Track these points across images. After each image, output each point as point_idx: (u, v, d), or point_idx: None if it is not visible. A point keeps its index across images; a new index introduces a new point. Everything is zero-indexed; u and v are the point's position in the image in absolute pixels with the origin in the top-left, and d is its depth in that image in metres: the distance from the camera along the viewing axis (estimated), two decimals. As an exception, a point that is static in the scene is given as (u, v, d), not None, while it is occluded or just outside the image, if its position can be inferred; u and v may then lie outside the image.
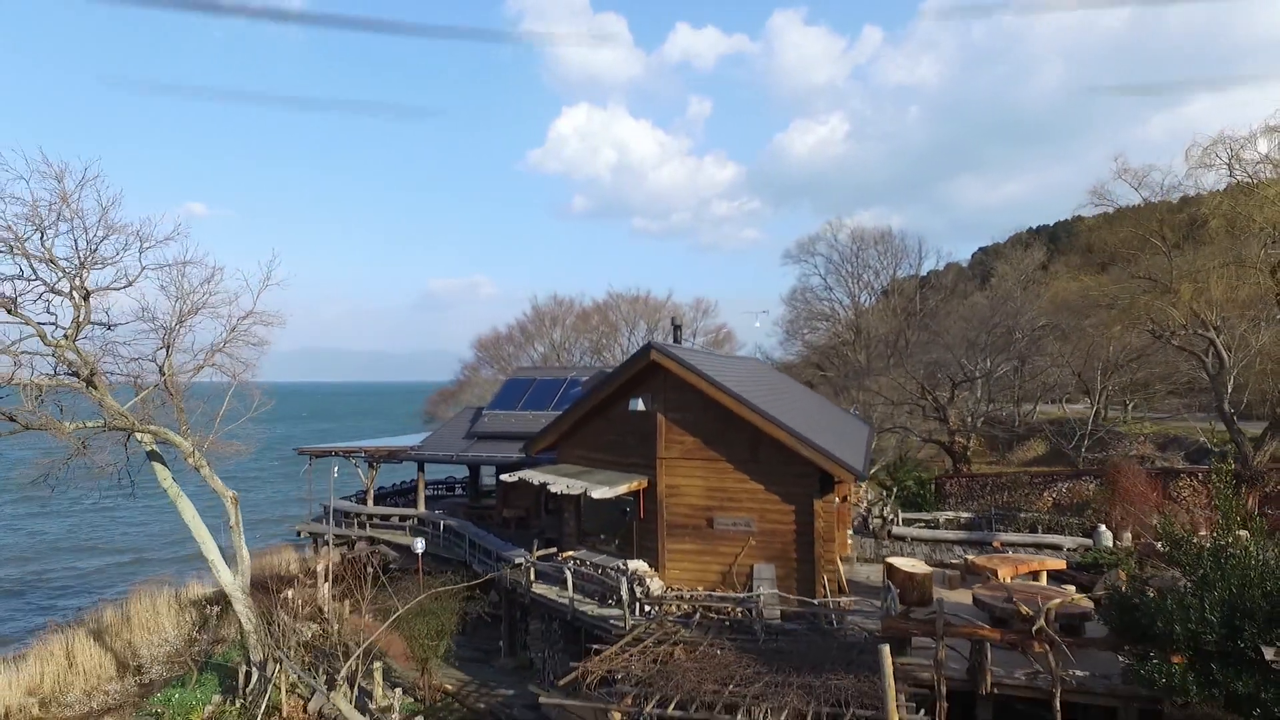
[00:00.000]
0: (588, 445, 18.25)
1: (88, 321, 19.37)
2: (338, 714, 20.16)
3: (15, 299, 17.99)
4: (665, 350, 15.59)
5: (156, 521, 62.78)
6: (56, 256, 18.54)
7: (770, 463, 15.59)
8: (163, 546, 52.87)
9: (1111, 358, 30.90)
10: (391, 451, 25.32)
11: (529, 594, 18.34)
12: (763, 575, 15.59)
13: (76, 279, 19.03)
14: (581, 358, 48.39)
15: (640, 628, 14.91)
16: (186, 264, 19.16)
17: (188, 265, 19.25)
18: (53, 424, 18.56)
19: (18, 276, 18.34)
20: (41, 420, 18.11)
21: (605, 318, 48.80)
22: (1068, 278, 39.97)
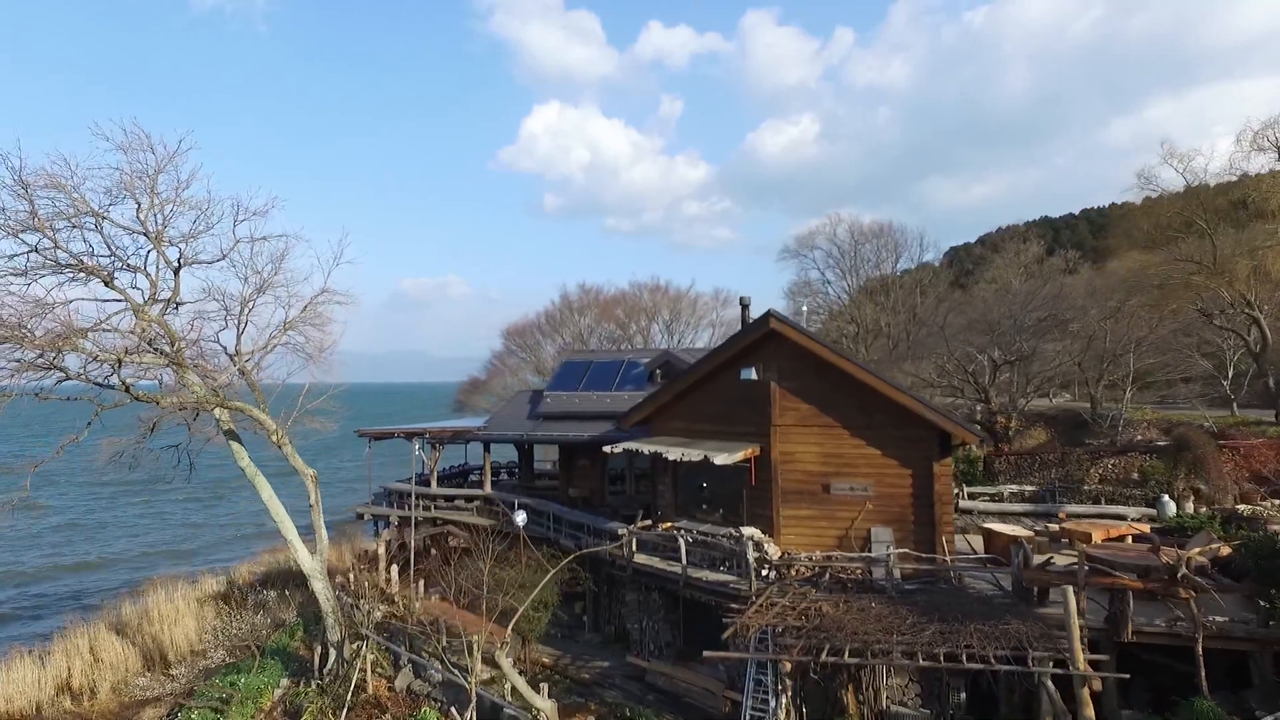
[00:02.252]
0: (687, 417, 18.52)
1: (177, 296, 19.19)
2: (428, 690, 20.24)
3: (112, 272, 17.78)
4: (785, 318, 15.89)
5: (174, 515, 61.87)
6: (150, 229, 18.28)
7: (886, 428, 16.03)
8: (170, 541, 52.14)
9: (1149, 340, 31.62)
10: (456, 433, 25.34)
11: (630, 565, 18.52)
12: (881, 538, 15.99)
13: (168, 253, 18.83)
14: (601, 344, 48.56)
15: (770, 590, 15.20)
16: (281, 237, 19.02)
17: (277, 239, 19.10)
18: (156, 397, 18.39)
19: (104, 255, 18.17)
20: (148, 393, 17.93)
21: (633, 306, 49.02)
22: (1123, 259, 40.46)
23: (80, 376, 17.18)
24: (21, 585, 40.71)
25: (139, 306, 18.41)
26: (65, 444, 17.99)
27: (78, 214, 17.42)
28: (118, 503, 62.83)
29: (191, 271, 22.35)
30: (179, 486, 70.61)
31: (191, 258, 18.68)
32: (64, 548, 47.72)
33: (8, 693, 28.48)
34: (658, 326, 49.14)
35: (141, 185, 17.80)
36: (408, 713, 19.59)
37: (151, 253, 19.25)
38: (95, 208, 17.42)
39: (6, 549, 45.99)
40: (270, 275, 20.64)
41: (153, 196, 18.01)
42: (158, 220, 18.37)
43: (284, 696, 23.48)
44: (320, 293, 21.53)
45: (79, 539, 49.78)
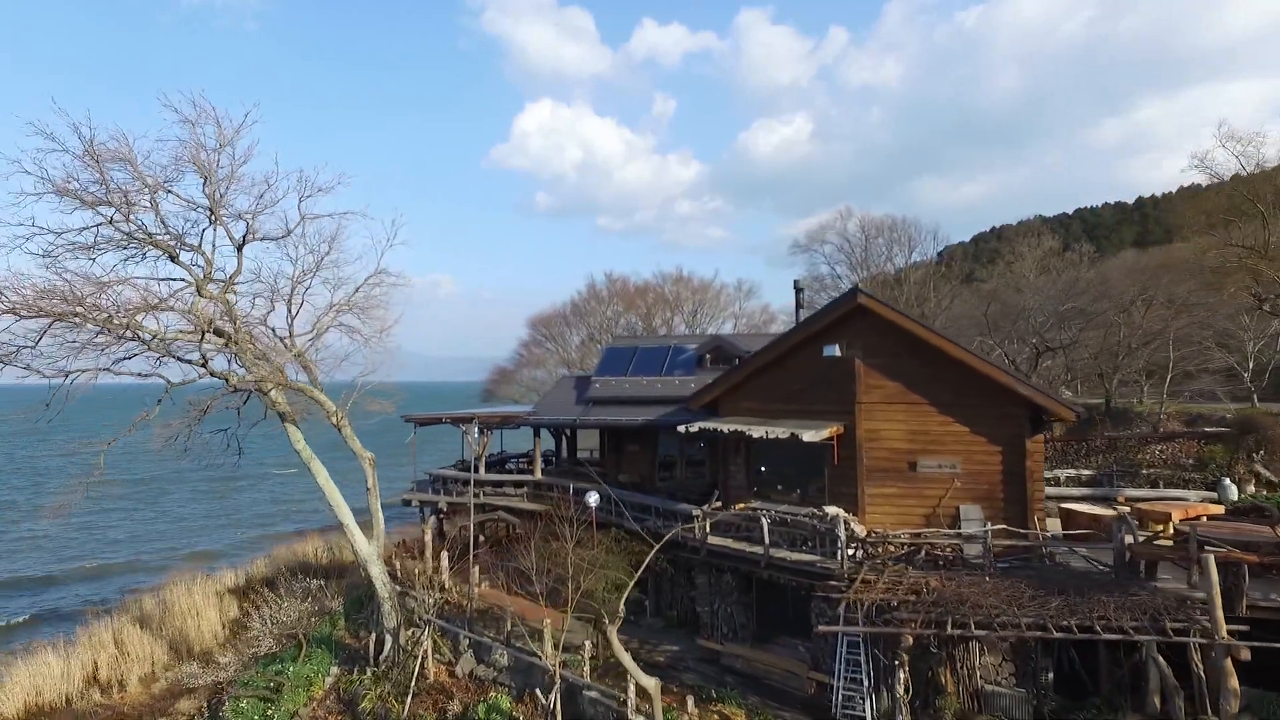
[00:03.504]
0: (759, 397, 18.35)
1: (239, 273, 18.82)
2: (493, 675, 19.96)
3: (177, 248, 17.39)
4: (873, 295, 15.69)
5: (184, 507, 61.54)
6: (213, 204, 17.87)
7: (975, 404, 15.91)
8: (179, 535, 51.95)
9: (1165, 333, 31.68)
10: (505, 418, 25.07)
11: (704, 547, 18.29)
12: (970, 516, 15.84)
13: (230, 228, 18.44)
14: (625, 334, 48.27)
15: (863, 568, 15.01)
16: (344, 214, 18.65)
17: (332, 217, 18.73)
18: (227, 374, 18.04)
19: (160, 232, 17.76)
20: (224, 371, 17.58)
21: (658, 297, 48.75)
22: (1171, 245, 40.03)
23: (161, 352, 16.80)
24: (36, 584, 40.42)
25: (202, 283, 18.04)
26: (139, 420, 17.63)
27: (142, 188, 17.02)
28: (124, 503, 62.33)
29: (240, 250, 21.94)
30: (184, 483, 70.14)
31: (255, 234, 18.24)
32: (75, 547, 47.44)
33: (37, 685, 28.16)
34: (680, 317, 48.92)
35: (208, 159, 17.37)
36: (475, 698, 19.35)
37: (207, 230, 18.87)
38: (160, 182, 17.00)
39: (18, 551, 45.61)
40: (324, 254, 20.29)
41: (215, 172, 17.62)
42: (219, 196, 17.96)
43: (335, 685, 23.17)
44: (374, 273, 21.16)
45: (88, 539, 49.47)
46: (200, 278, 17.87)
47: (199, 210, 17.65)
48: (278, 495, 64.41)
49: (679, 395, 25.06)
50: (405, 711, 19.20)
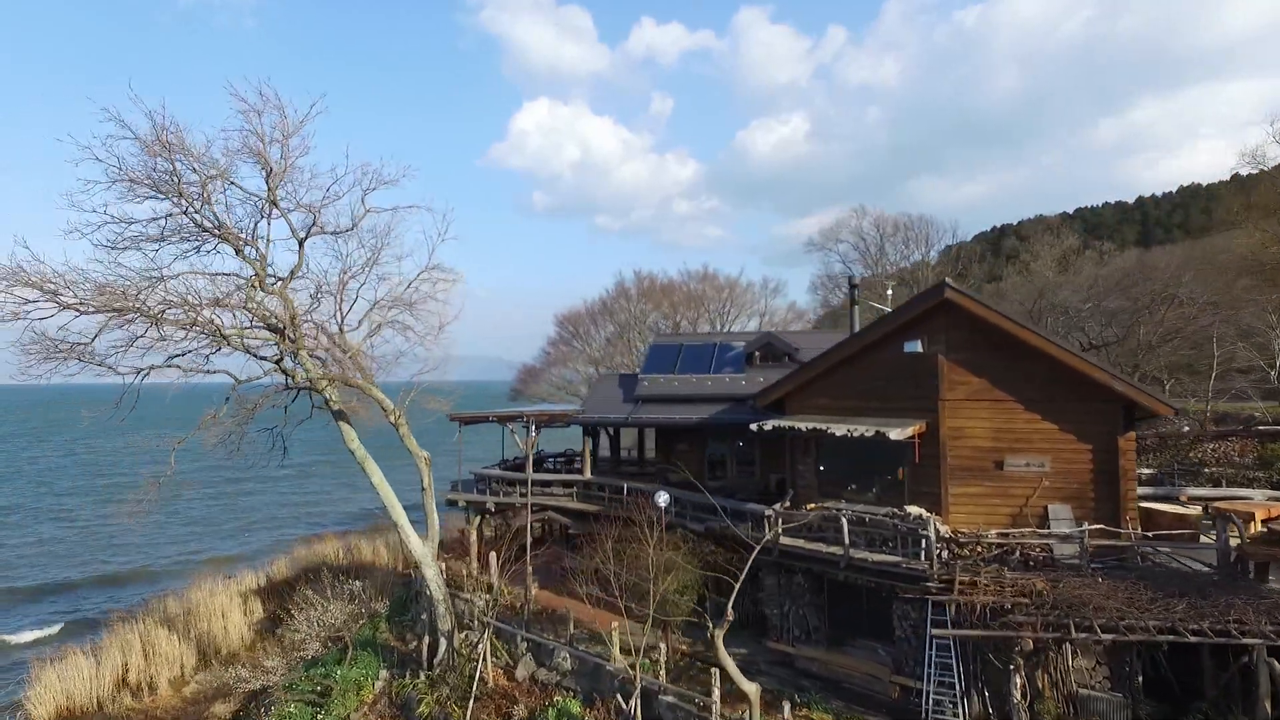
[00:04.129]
0: (831, 394, 18.01)
1: (300, 268, 18.40)
2: (556, 678, 19.58)
3: (243, 240, 16.96)
4: (961, 289, 15.33)
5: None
6: (277, 196, 17.45)
7: (1064, 401, 15.59)
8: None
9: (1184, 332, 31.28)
10: (553, 416, 24.68)
11: (776, 547, 17.91)
12: (1059, 516, 15.50)
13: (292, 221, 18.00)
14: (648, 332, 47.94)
15: (956, 570, 14.64)
16: (409, 208, 18.20)
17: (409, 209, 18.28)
18: (295, 372, 17.63)
19: (223, 227, 17.32)
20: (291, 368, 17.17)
21: (686, 295, 48.40)
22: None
23: (239, 348, 16.40)
24: (58, 590, 40.09)
25: (264, 278, 17.62)
26: (207, 420, 17.22)
27: (210, 179, 16.59)
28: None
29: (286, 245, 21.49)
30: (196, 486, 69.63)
31: (323, 228, 17.81)
32: (91, 552, 47.18)
33: (68, 689, 27.80)
34: (704, 316, 48.53)
35: (270, 150, 16.95)
36: (540, 702, 18.95)
37: (259, 223, 18.42)
38: (224, 172, 16.57)
39: (35, 556, 45.24)
40: (379, 248, 19.85)
41: (278, 163, 17.18)
42: (279, 188, 17.52)
43: (386, 689, 22.76)
44: (426, 268, 20.70)
45: (104, 544, 49.12)
46: (262, 272, 17.45)
47: (253, 203, 17.22)
48: (286, 498, 63.95)
49: (730, 393, 24.73)
50: (467, 717, 18.81)
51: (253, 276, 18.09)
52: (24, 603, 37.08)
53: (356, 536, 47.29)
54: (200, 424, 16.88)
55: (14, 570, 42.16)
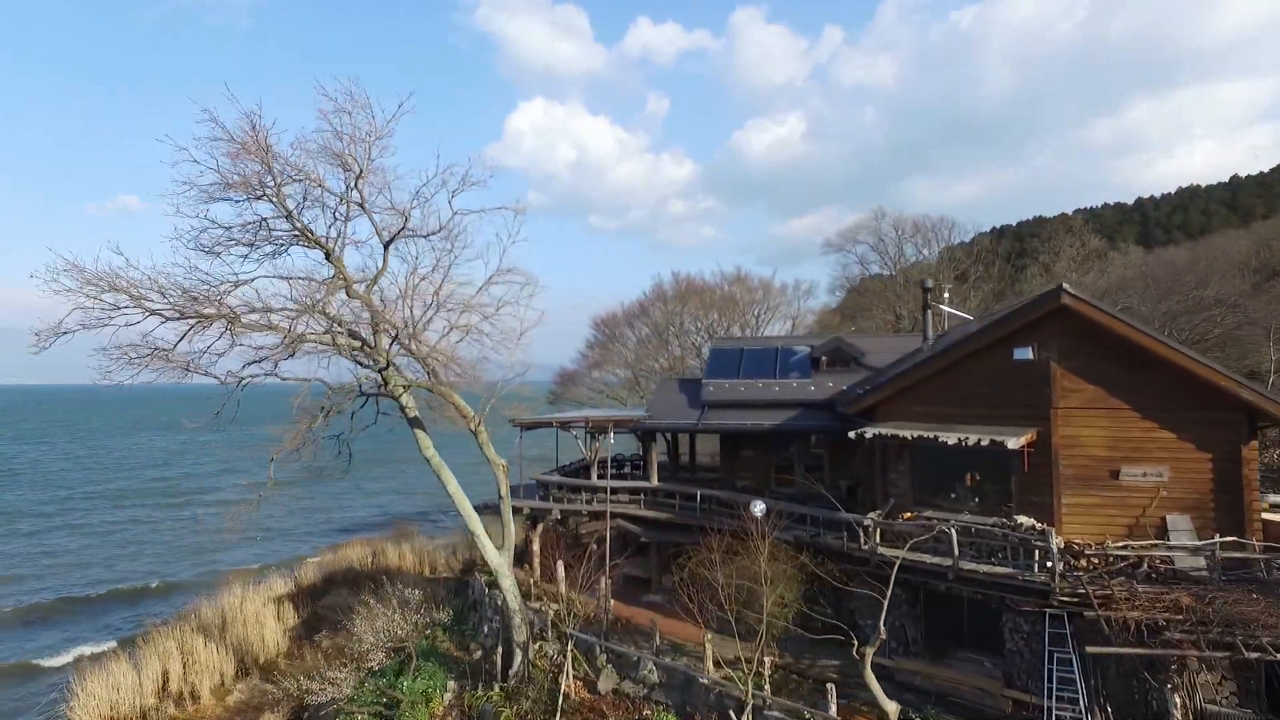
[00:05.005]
0: (927, 401, 17.73)
1: (384, 271, 18.01)
2: (643, 692, 19.24)
3: (331, 245, 16.57)
4: (1079, 294, 15.06)
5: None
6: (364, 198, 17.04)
7: (1184, 409, 15.31)
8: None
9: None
10: (618, 421, 24.25)
11: (874, 558, 17.59)
12: (1179, 527, 15.25)
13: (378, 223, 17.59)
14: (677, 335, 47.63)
15: (1083, 582, 14.34)
16: (511, 209, 17.77)
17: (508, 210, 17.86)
18: (389, 377, 17.25)
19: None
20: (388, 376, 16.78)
21: (722, 297, 48.13)
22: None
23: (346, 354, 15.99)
24: (92, 603, 39.74)
25: (351, 283, 17.21)
26: (308, 428, 16.85)
27: (291, 181, 16.19)
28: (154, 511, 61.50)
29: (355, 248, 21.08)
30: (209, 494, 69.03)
31: (415, 230, 17.38)
32: (119, 563, 46.89)
33: (112, 698, 27.47)
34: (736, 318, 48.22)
35: (357, 151, 16.53)
36: (631, 717, 18.58)
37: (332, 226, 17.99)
38: (318, 177, 16.17)
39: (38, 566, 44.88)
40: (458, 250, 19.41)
41: (366, 164, 16.77)
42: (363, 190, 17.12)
43: (455, 701, 22.38)
44: (497, 271, 20.25)
45: (131, 553, 48.78)
46: (349, 277, 17.04)
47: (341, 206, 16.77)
48: (301, 504, 63.39)
49: (798, 399, 24.43)
50: (556, 731, 18.42)
51: (330, 280, 17.72)
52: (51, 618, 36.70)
53: (382, 542, 46.96)
54: (294, 436, 16.45)
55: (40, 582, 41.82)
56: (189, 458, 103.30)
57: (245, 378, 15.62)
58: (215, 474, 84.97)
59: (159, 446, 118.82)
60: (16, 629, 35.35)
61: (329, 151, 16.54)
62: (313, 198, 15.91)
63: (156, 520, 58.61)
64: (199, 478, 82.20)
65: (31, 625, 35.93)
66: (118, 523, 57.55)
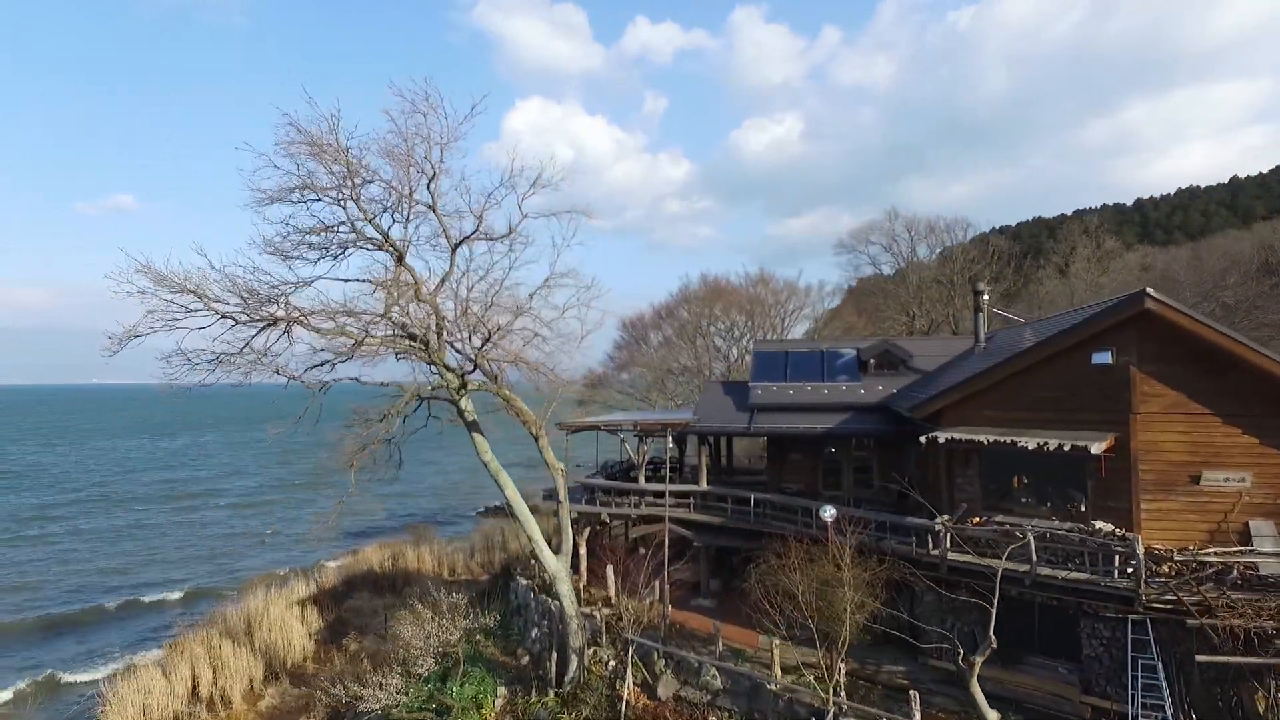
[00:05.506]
0: (998, 406, 17.76)
1: (451, 274, 17.89)
2: (706, 698, 19.12)
3: (403, 250, 16.44)
4: (1163, 298, 15.06)
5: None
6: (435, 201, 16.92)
7: (1267, 414, 15.29)
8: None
9: None
10: (667, 425, 24.17)
11: (944, 563, 17.57)
12: (1262, 532, 15.31)
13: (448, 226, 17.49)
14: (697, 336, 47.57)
15: (1162, 588, 14.36)
16: (579, 211, 17.65)
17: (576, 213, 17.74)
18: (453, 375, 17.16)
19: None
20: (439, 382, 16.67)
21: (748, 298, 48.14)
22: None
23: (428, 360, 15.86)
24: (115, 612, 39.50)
25: (421, 285, 17.09)
26: (385, 431, 16.72)
27: (367, 183, 16.08)
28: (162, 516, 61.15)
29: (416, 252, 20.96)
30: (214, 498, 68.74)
31: (489, 233, 17.27)
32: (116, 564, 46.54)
33: (145, 702, 27.45)
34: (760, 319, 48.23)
35: (431, 153, 16.42)
36: (703, 724, 18.46)
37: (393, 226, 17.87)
38: (393, 178, 16.05)
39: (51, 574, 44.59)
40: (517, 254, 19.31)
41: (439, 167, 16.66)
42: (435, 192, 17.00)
43: (508, 706, 22.27)
44: (552, 275, 20.14)
45: (119, 556, 48.61)
46: (419, 280, 16.92)
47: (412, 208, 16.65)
48: (311, 509, 62.95)
49: (848, 402, 24.43)
50: (620, 738, 18.33)
51: (394, 283, 17.60)
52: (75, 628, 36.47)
53: (401, 545, 46.76)
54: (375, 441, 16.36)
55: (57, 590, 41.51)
56: (190, 459, 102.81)
57: (327, 380, 15.45)
58: (221, 476, 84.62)
59: (161, 448, 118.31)
60: (41, 639, 35.05)
61: (397, 154, 16.44)
62: (388, 201, 15.75)
63: (165, 525, 58.27)
64: (205, 480, 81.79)
65: (56, 635, 35.63)
66: (125, 527, 57.14)
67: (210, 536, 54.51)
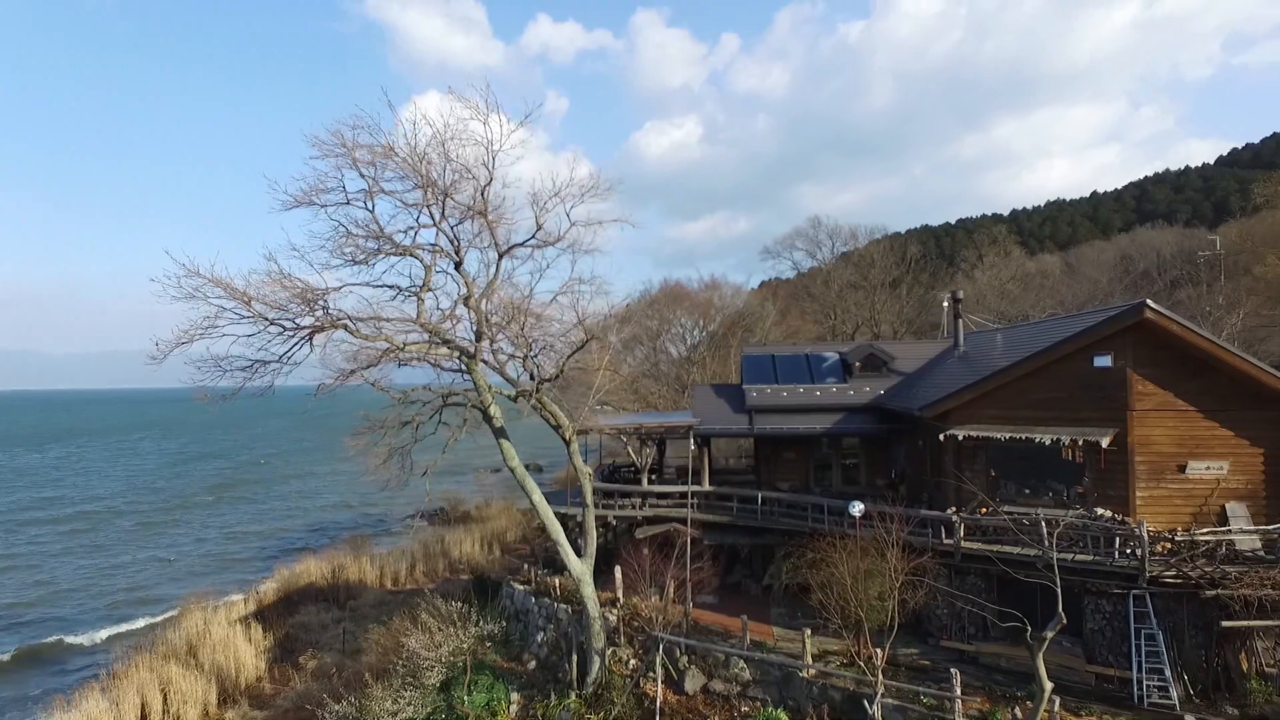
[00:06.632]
0: (1004, 405, 19.59)
1: (496, 281, 18.04)
2: (736, 689, 19.98)
3: (462, 257, 16.53)
4: (1160, 309, 17.15)
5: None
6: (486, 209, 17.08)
7: (1240, 409, 17.68)
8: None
9: None
10: (669, 428, 24.93)
11: (959, 551, 19.18)
12: (1236, 513, 17.65)
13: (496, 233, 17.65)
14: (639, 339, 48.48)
15: (1164, 568, 16.38)
16: (627, 221, 18.10)
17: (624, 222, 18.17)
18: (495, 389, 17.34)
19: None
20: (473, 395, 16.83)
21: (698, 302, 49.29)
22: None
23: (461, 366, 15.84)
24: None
25: (472, 293, 17.13)
26: (450, 443, 16.59)
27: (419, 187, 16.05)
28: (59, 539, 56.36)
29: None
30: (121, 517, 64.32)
31: (550, 238, 17.46)
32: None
33: None
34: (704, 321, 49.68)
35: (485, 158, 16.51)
36: (732, 715, 19.31)
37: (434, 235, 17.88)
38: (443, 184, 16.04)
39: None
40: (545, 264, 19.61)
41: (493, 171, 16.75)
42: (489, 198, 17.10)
43: (524, 712, 22.48)
44: (570, 280, 20.54)
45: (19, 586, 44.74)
46: (471, 288, 16.93)
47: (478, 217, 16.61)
48: (227, 531, 59.80)
49: (839, 403, 25.97)
50: (655, 734, 18.92)
51: (420, 288, 17.59)
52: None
53: (340, 556, 45.22)
54: (442, 450, 16.29)
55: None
56: (69, 473, 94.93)
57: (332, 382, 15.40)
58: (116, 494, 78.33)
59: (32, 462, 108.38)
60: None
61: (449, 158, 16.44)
62: (448, 206, 15.76)
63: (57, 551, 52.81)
64: (96, 498, 75.49)
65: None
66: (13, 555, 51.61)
67: (118, 562, 50.34)
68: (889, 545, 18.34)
